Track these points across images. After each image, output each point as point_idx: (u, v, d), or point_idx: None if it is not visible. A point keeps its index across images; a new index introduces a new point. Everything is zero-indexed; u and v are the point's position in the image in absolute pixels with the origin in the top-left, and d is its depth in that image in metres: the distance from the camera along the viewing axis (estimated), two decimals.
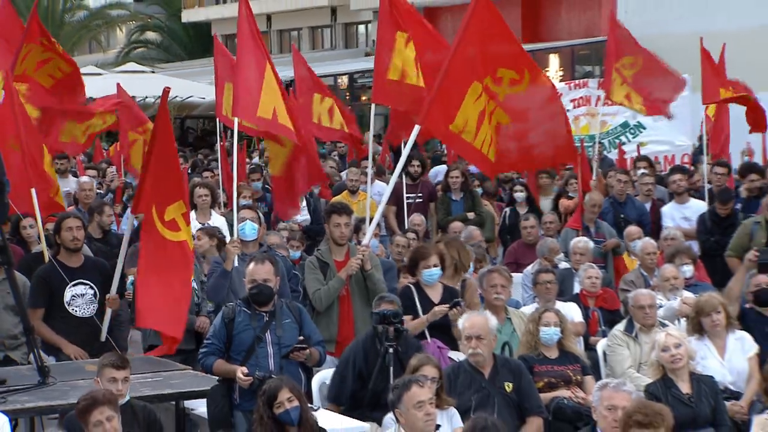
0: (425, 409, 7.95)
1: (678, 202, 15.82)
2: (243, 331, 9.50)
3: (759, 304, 11.15)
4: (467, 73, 11.51)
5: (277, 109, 11.94)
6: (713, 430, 9.18)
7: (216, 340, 9.53)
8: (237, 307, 9.60)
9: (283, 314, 9.65)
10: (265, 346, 9.49)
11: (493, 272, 11.34)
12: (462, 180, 16.71)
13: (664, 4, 32.38)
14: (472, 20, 11.60)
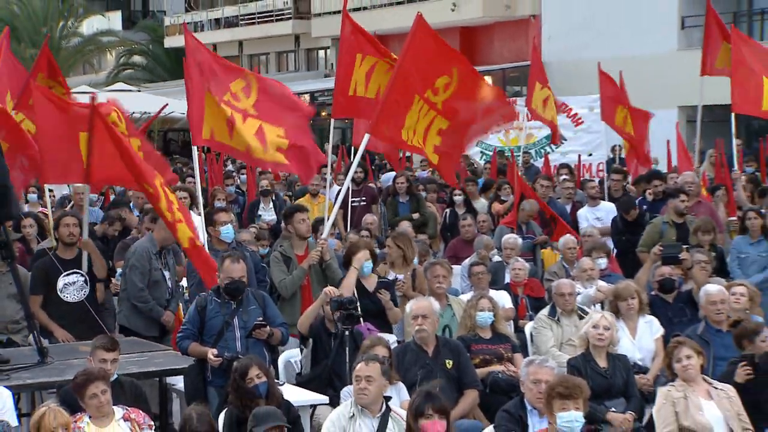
0: (360, 384, 7.95)
1: (591, 205, 15.94)
2: (214, 317, 9.56)
3: (663, 291, 11.26)
4: (411, 89, 11.50)
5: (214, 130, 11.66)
6: (624, 400, 9.22)
7: (190, 325, 9.58)
8: (208, 297, 9.66)
9: (248, 302, 9.71)
10: (233, 330, 9.54)
11: (436, 265, 11.38)
12: (407, 185, 16.79)
13: (581, 33, 32.52)
14: (413, 41, 11.58)
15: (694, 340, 9.13)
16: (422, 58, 11.61)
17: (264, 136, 11.58)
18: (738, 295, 10.54)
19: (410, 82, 11.50)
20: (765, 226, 12.93)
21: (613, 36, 31.41)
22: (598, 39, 31.43)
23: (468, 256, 13.51)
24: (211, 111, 11.51)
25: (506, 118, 13.26)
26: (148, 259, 10.95)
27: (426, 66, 11.63)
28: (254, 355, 8.87)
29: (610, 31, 31.70)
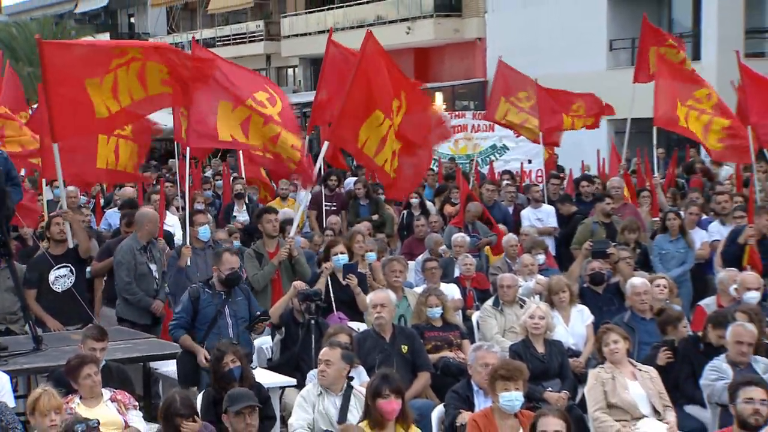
0: (321, 366, 8.01)
1: (533, 207, 16.00)
2: (206, 306, 9.58)
3: (593, 283, 11.33)
4: (367, 102, 11.48)
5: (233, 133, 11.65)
6: (559, 381, 9.25)
7: (185, 314, 9.58)
8: (200, 288, 9.66)
9: (236, 293, 9.73)
10: (225, 318, 9.59)
11: (393, 261, 11.41)
12: (365, 189, 16.80)
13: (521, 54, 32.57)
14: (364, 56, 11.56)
15: (621, 327, 9.19)
16: (375, 72, 11.59)
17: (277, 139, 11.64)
18: (661, 287, 10.65)
19: (366, 94, 11.49)
20: (683, 225, 13.05)
21: (550, 57, 31.53)
22: (537, 59, 31.45)
23: (422, 252, 13.50)
24: (226, 115, 11.47)
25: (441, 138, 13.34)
26: (132, 255, 10.88)
27: (381, 81, 11.61)
28: (230, 342, 8.87)
29: (548, 52, 31.83)
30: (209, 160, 26.87)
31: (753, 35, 28.54)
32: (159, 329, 10.96)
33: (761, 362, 8.73)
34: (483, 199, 15.63)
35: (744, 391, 7.21)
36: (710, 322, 9.27)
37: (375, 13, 39.97)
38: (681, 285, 12.20)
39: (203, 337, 9.52)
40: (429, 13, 37.71)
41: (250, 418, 6.89)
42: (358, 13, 40.76)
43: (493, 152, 22.14)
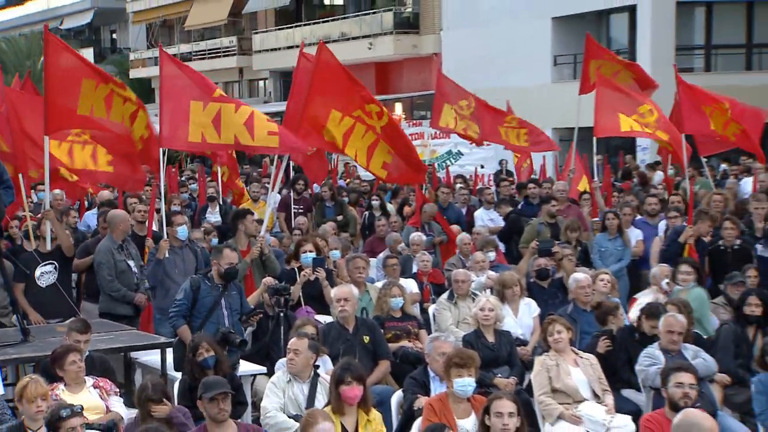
0: (289, 355, 8.02)
1: (486, 208, 16.06)
2: (205, 297, 9.54)
3: (540, 279, 11.38)
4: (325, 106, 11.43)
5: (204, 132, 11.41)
6: (508, 367, 9.28)
7: (186, 302, 9.52)
8: (201, 279, 9.64)
9: (231, 287, 9.71)
10: (221, 309, 9.54)
11: (357, 258, 11.39)
12: (331, 192, 16.80)
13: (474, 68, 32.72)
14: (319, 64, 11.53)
15: (564, 318, 9.22)
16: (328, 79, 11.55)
17: (253, 123, 11.22)
18: (605, 281, 10.71)
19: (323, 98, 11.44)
20: (620, 225, 13.13)
21: (500, 71, 31.69)
22: (488, 73, 31.65)
23: (382, 250, 13.51)
24: (198, 117, 11.26)
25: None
26: (111, 255, 10.84)
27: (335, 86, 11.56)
28: (205, 333, 8.84)
29: (498, 66, 31.97)
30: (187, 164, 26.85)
31: (683, 52, 28.74)
32: (138, 321, 10.93)
33: (690, 349, 8.81)
34: (438, 201, 15.65)
35: (675, 376, 7.27)
36: (644, 314, 9.35)
37: (339, 30, 39.99)
38: (619, 279, 12.27)
39: (201, 324, 9.46)
40: (389, 31, 37.76)
41: (223, 404, 6.86)
42: (324, 30, 40.72)
43: (448, 158, 22.22)
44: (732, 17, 29.52)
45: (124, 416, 7.86)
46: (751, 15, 29.57)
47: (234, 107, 11.30)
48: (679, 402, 7.18)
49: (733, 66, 29.65)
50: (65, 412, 6.51)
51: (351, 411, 7.35)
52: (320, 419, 6.51)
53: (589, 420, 8.25)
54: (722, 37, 29.60)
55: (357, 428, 7.34)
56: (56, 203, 14.64)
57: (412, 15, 38.19)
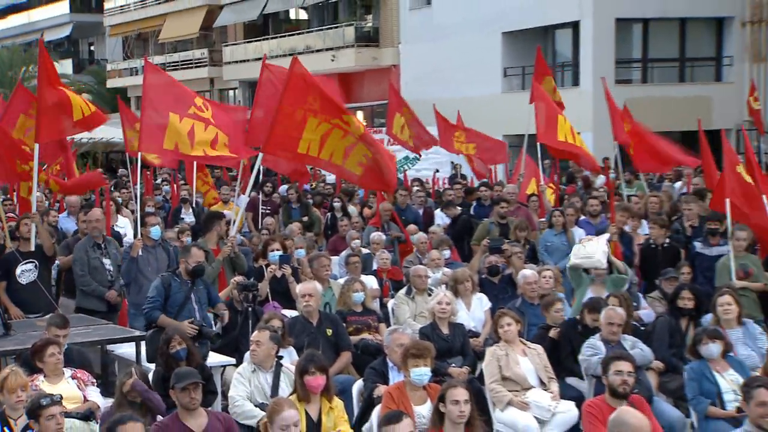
0: (252, 346, 8.00)
1: (443, 209, 16.10)
2: (177, 292, 9.53)
3: (491, 275, 11.42)
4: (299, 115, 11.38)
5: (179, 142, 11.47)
6: (462, 358, 9.30)
7: (159, 298, 9.50)
8: (170, 277, 9.63)
9: (198, 282, 9.69)
10: (191, 303, 9.53)
11: (321, 256, 11.39)
12: (297, 195, 16.77)
13: (430, 79, 32.84)
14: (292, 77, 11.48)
15: (513, 311, 9.28)
16: (303, 89, 11.51)
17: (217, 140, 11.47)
18: (547, 277, 10.75)
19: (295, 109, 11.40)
20: (565, 223, 13.20)
21: (455, 82, 31.77)
22: (443, 84, 31.76)
23: (344, 249, 13.49)
24: (174, 127, 11.24)
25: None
26: (85, 252, 10.81)
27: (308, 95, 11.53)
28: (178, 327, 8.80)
29: (452, 78, 32.06)
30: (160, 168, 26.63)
31: (622, 64, 29.00)
32: (116, 316, 10.85)
33: (629, 340, 8.88)
34: (397, 203, 15.67)
35: (614, 364, 7.31)
36: (586, 308, 9.41)
37: (304, 43, 39.96)
38: (564, 275, 12.34)
39: (174, 318, 9.44)
40: (351, 44, 37.79)
41: (194, 393, 6.81)
42: (290, 42, 40.73)
43: (406, 162, 22.26)
44: (666, 33, 29.81)
45: (100, 405, 7.79)
46: (684, 31, 29.90)
47: (204, 126, 11.36)
48: (618, 388, 7.22)
49: (668, 78, 29.94)
50: (45, 401, 6.46)
51: (315, 399, 7.33)
52: (286, 407, 6.49)
53: (536, 406, 8.30)
54: (658, 52, 29.89)
55: (320, 415, 7.33)
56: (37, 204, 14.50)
57: (372, 29, 38.24)
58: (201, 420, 6.83)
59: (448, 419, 6.58)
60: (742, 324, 9.08)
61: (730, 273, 10.90)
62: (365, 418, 7.83)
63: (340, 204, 16.92)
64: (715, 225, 11.75)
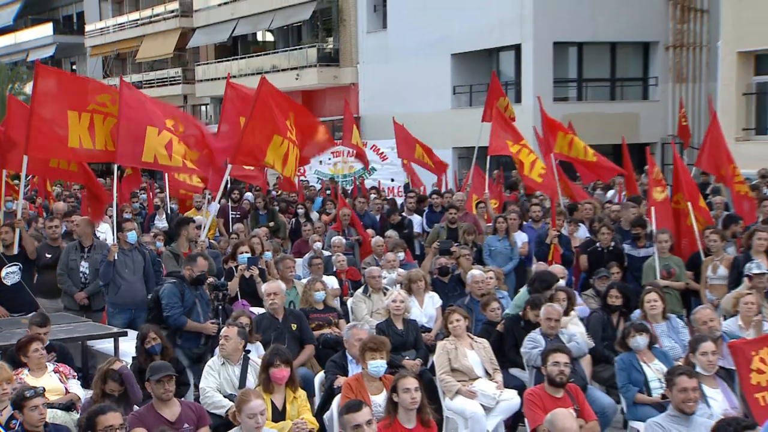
0: (221, 341, 7.96)
1: (406, 215, 16.10)
2: (188, 298, 9.49)
3: (441, 275, 11.44)
4: (267, 131, 11.37)
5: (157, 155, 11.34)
6: (415, 351, 9.30)
7: (179, 302, 9.45)
8: (180, 283, 9.59)
9: (202, 288, 9.71)
10: (198, 306, 9.51)
11: (286, 258, 11.33)
12: (264, 202, 16.70)
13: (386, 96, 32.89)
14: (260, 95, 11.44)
15: (462, 308, 9.29)
16: (271, 106, 11.51)
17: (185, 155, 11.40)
18: (488, 277, 10.79)
19: (264, 124, 11.39)
20: (508, 228, 13.26)
21: (408, 98, 31.87)
22: (397, 100, 31.84)
23: (308, 251, 13.46)
24: (152, 141, 11.09)
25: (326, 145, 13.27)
26: (67, 254, 10.79)
27: (274, 113, 11.53)
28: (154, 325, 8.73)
29: (406, 95, 32.16)
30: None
31: (559, 84, 29.24)
32: (101, 315, 10.77)
33: (566, 334, 8.94)
34: (356, 209, 15.67)
35: (552, 356, 7.35)
36: (528, 305, 9.46)
37: (271, 63, 39.87)
38: (508, 276, 12.42)
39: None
40: (313, 63, 37.76)
41: (168, 385, 6.76)
42: (257, 62, 40.62)
43: (363, 172, 22.25)
44: (599, 56, 30.12)
45: (81, 396, 7.72)
46: (614, 54, 30.23)
47: (177, 139, 11.30)
48: (555, 378, 7.27)
49: (600, 96, 30.24)
50: (29, 393, 6.38)
51: (279, 389, 7.31)
52: (253, 397, 6.46)
53: (482, 394, 8.32)
54: (591, 72, 30.18)
55: (285, 404, 7.30)
56: (25, 213, 14.32)
57: (333, 50, 38.23)
58: (174, 409, 6.79)
59: (401, 407, 6.58)
60: (666, 319, 9.18)
61: (655, 273, 11.05)
62: (326, 406, 7.81)
63: (303, 210, 16.91)
64: (637, 230, 11.95)
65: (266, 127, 11.44)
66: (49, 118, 10.78)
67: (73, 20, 59.45)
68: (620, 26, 29.02)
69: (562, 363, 7.28)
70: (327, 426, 7.67)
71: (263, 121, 11.43)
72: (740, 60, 22.99)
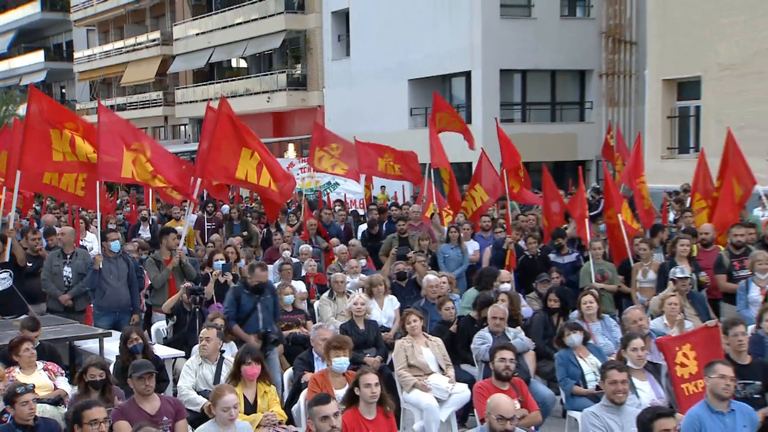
0: (202, 342, 7.89)
1: (367, 224, 16.05)
2: (245, 304, 9.40)
3: (399, 279, 11.39)
4: (233, 146, 11.24)
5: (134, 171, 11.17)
6: (375, 349, 9.27)
7: (232, 308, 9.39)
8: (240, 290, 9.49)
9: (266, 294, 9.59)
10: (257, 312, 9.39)
11: (259, 266, 11.18)
12: (238, 213, 16.60)
13: (349, 117, 32.89)
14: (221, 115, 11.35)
15: (418, 310, 9.29)
16: (231, 125, 11.41)
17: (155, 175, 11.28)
18: (442, 282, 10.80)
19: (229, 141, 11.27)
20: (460, 237, 13.29)
21: (369, 119, 31.92)
22: (359, 121, 31.84)
23: (278, 258, 13.39)
24: (130, 158, 10.96)
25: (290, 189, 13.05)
26: (50, 261, 10.66)
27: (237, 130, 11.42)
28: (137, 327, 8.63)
29: (367, 116, 32.21)
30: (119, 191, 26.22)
31: (505, 107, 29.46)
32: (83, 316, 10.61)
33: (512, 332, 8.99)
34: (322, 220, 15.63)
35: (499, 353, 7.38)
36: (477, 305, 9.49)
37: (244, 86, 39.77)
38: (459, 280, 12.45)
39: (241, 324, 9.37)
40: (283, 87, 37.73)
41: (148, 381, 6.69)
42: (232, 86, 40.50)
43: (328, 187, 22.17)
44: (540, 82, 30.42)
45: (68, 392, 7.60)
46: (554, 81, 30.56)
47: (144, 158, 11.18)
48: (501, 373, 7.30)
49: (542, 118, 30.53)
50: (20, 389, 6.28)
51: (251, 385, 7.26)
52: (226, 392, 6.41)
53: (436, 388, 8.33)
54: (534, 96, 30.46)
55: (256, 398, 7.25)
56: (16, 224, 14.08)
57: (301, 76, 38.23)
58: (154, 403, 6.72)
59: (362, 400, 6.57)
60: (601, 318, 9.26)
61: (591, 277, 11.15)
62: (294, 400, 7.78)
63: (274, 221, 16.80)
64: (557, 241, 12.15)
65: (231, 144, 11.30)
66: (39, 136, 10.66)
67: (62, 48, 58.95)
68: (559, 56, 29.36)
69: (507, 359, 7.32)
70: (295, 417, 7.63)
71: (227, 140, 11.30)
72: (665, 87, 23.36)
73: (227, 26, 40.10)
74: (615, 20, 29.68)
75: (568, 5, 30.41)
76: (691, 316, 9.25)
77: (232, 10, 40.18)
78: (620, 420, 6.34)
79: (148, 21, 49.03)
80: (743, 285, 9.72)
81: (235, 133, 11.25)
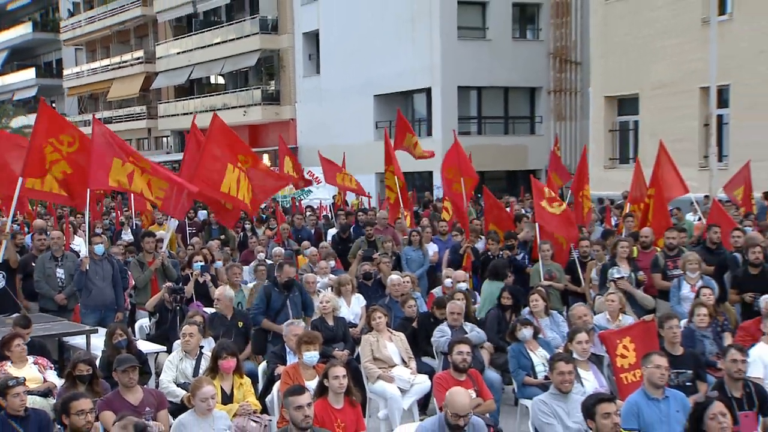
0: (185, 338, 7.82)
1: (338, 228, 15.98)
2: (275, 300, 9.35)
3: (365, 279, 11.34)
4: (221, 161, 11.18)
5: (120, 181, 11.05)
6: (343, 344, 9.21)
7: (262, 305, 9.36)
8: (271, 287, 9.39)
9: (294, 290, 9.53)
10: (287, 309, 9.34)
11: (234, 266, 11.14)
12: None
13: (319, 130, 32.87)
14: (213, 130, 11.27)
15: (383, 307, 9.26)
16: (223, 140, 11.34)
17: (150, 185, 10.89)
18: (405, 281, 10.80)
19: (217, 157, 11.20)
20: (421, 240, 13.32)
21: (338, 132, 31.93)
22: (328, 134, 31.89)
23: (253, 260, 13.30)
24: (117, 168, 10.76)
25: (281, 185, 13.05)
26: (43, 262, 10.51)
27: (226, 147, 11.36)
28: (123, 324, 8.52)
29: (335, 129, 32.24)
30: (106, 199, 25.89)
31: (463, 120, 29.66)
32: (71, 314, 10.47)
33: (468, 326, 9.01)
34: (294, 225, 15.57)
35: (457, 347, 7.38)
36: (435, 304, 9.50)
37: (222, 101, 39.59)
38: (421, 279, 12.46)
39: (273, 320, 9.31)
40: (258, 102, 37.63)
41: (132, 374, 6.62)
42: (210, 101, 40.33)
43: (301, 194, 22.12)
44: (495, 98, 30.68)
45: (57, 385, 7.50)
46: (507, 97, 30.84)
47: (140, 171, 11.03)
48: (459, 365, 7.30)
49: (496, 131, 30.78)
50: (12, 382, 6.18)
51: (228, 377, 7.21)
52: (205, 384, 6.36)
53: (399, 379, 8.33)
54: (489, 111, 30.71)
55: (232, 390, 7.20)
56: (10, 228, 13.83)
57: (275, 91, 38.14)
58: (138, 395, 6.65)
59: (331, 391, 6.55)
60: (549, 314, 9.33)
61: (540, 276, 11.23)
62: (268, 390, 7.73)
63: (250, 225, 16.73)
64: (510, 241, 12.24)
65: (217, 161, 11.23)
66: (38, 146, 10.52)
67: (53, 66, 58.34)
68: (512, 74, 29.63)
69: (464, 352, 7.34)
70: (269, 407, 7.58)
71: (213, 158, 11.23)
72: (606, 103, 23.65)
73: (206, 46, 39.91)
74: (562, 42, 30.03)
75: (519, 28, 30.71)
76: (630, 312, 9.36)
77: (211, 31, 40.03)
78: (567, 407, 6.39)
79: (132, 41, 48.66)
80: (676, 283, 9.87)
81: (226, 149, 11.19)
